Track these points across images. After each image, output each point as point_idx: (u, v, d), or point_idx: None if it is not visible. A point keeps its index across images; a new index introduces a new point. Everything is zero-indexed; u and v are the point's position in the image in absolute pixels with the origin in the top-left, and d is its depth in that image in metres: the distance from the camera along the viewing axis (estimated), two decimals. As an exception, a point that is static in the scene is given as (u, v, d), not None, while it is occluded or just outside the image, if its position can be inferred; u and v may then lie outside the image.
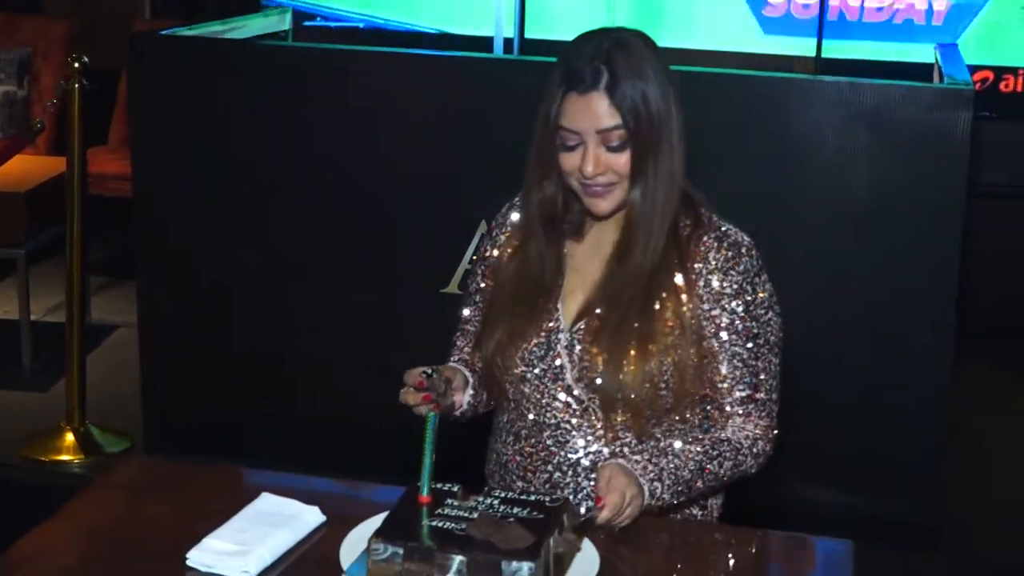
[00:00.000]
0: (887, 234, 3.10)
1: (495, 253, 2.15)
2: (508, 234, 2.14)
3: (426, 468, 1.79)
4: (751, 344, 2.02)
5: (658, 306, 2.00)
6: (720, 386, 2.03)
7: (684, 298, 2.00)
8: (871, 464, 3.22)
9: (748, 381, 2.02)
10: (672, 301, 2.00)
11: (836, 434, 3.21)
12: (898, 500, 3.20)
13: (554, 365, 2.03)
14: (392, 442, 2.60)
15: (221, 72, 3.45)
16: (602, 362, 1.99)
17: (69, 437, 3.66)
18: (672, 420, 2.03)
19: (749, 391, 2.03)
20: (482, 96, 3.29)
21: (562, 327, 2.04)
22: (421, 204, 3.34)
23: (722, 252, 2.02)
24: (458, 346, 2.18)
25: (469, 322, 2.17)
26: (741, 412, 2.03)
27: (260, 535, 1.80)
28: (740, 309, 2.01)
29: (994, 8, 4.79)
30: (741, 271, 2.01)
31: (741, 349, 2.01)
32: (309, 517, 1.87)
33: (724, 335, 2.01)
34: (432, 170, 3.33)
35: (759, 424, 2.03)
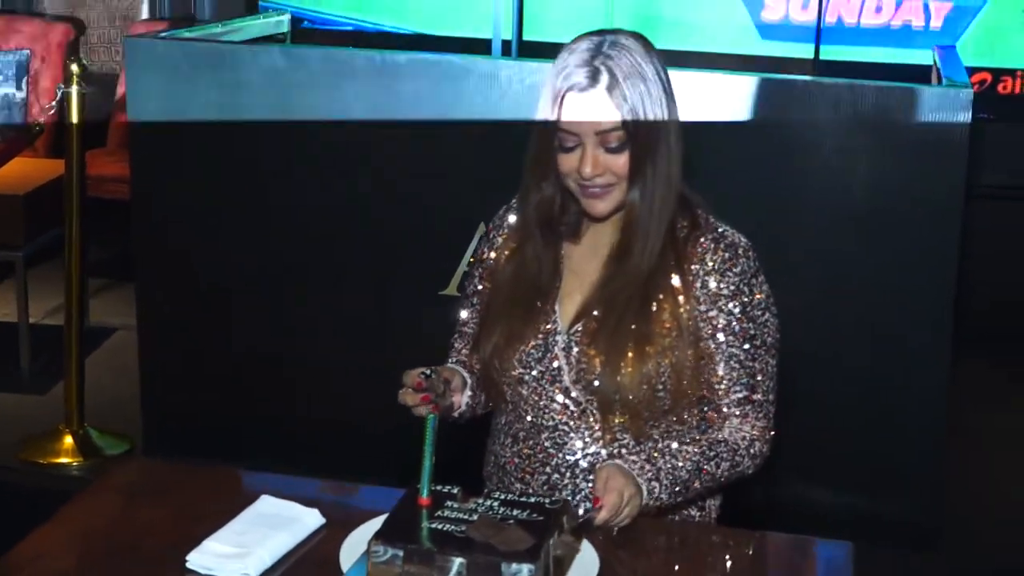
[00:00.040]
0: (886, 235, 3.10)
1: (492, 255, 2.15)
2: (505, 236, 2.14)
3: (426, 470, 1.79)
4: (748, 345, 2.02)
5: (655, 308, 2.00)
6: (717, 387, 2.03)
7: (681, 300, 2.00)
8: (871, 464, 3.21)
9: (745, 382, 2.02)
10: (669, 303, 2.00)
11: (835, 434, 3.21)
12: (898, 500, 3.19)
13: (552, 367, 2.03)
14: (391, 444, 2.60)
15: (219, 75, 3.45)
16: (600, 364, 1.99)
17: (68, 440, 3.66)
18: (670, 421, 2.03)
19: (746, 392, 2.03)
20: (480, 98, 3.28)
21: (559, 329, 2.04)
22: (419, 206, 3.34)
23: (719, 254, 2.02)
24: (456, 348, 2.18)
25: (467, 324, 2.17)
26: (738, 413, 2.03)
27: (260, 537, 1.80)
28: (737, 310, 2.01)
29: (992, 10, 4.80)
30: (738, 272, 2.01)
31: (738, 350, 2.01)
32: (309, 519, 1.87)
33: (721, 336, 2.01)
34: (430, 172, 3.33)
35: (756, 425, 2.03)
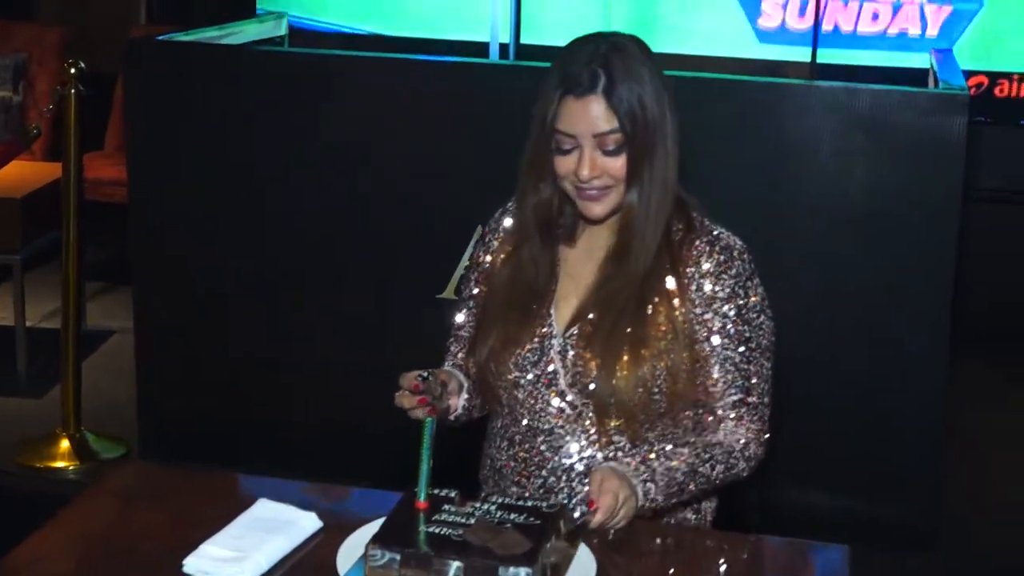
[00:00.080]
0: (883, 238, 3.10)
1: (488, 259, 2.15)
2: (501, 239, 2.14)
3: (423, 474, 1.79)
4: (743, 348, 2.01)
5: (651, 311, 2.00)
6: (712, 390, 2.03)
7: (676, 302, 2.00)
8: (868, 467, 3.22)
9: (740, 385, 2.02)
10: (665, 306, 2.00)
11: (833, 437, 3.21)
12: (895, 502, 3.20)
13: (547, 370, 2.03)
14: (388, 447, 2.60)
15: (217, 78, 3.45)
16: (595, 367, 1.99)
17: (64, 443, 3.66)
18: (665, 424, 2.03)
19: (741, 395, 2.02)
20: (478, 101, 3.29)
21: (555, 332, 2.04)
22: (417, 209, 3.34)
23: (714, 256, 2.02)
24: (452, 352, 2.18)
25: (462, 328, 2.17)
26: (733, 416, 2.03)
27: (257, 541, 1.80)
28: (732, 313, 2.01)
29: (988, 14, 4.80)
30: (733, 275, 2.01)
31: (733, 353, 2.01)
32: (306, 523, 1.86)
33: (716, 339, 2.01)
34: (428, 175, 3.33)
35: (751, 428, 2.03)
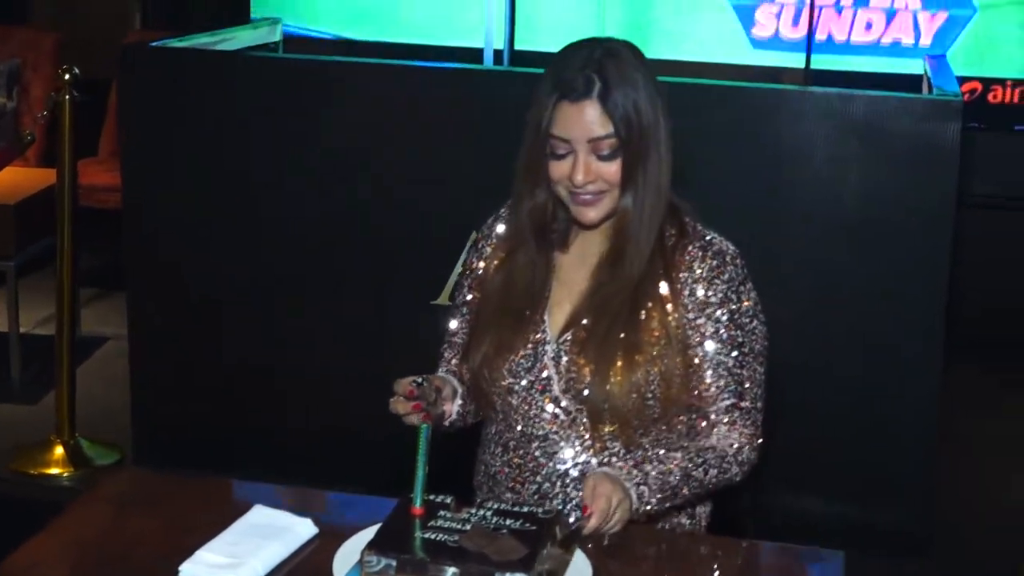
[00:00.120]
0: (877, 243, 3.11)
1: (481, 265, 2.15)
2: (494, 246, 2.14)
3: (419, 480, 1.79)
4: (736, 353, 2.02)
5: (644, 316, 2.00)
6: (705, 395, 2.03)
7: (670, 308, 2.00)
8: (862, 472, 3.22)
9: (733, 390, 2.02)
10: (658, 311, 2.00)
11: (827, 443, 3.21)
12: (889, 508, 3.20)
13: (541, 376, 2.03)
14: (384, 454, 2.59)
15: (211, 84, 3.45)
16: (589, 373, 1.99)
17: (58, 450, 3.65)
18: (659, 430, 2.04)
19: (734, 400, 2.02)
20: (473, 107, 3.29)
21: (548, 338, 2.04)
22: (412, 215, 3.34)
23: (707, 261, 2.02)
24: (445, 358, 2.18)
25: (456, 334, 2.17)
26: (726, 421, 2.03)
27: (253, 547, 1.80)
28: (725, 318, 2.01)
29: (982, 20, 4.82)
30: (726, 280, 2.02)
31: (726, 358, 2.01)
32: (302, 529, 1.86)
33: (709, 344, 2.01)
34: (423, 181, 3.33)
35: (744, 432, 2.03)
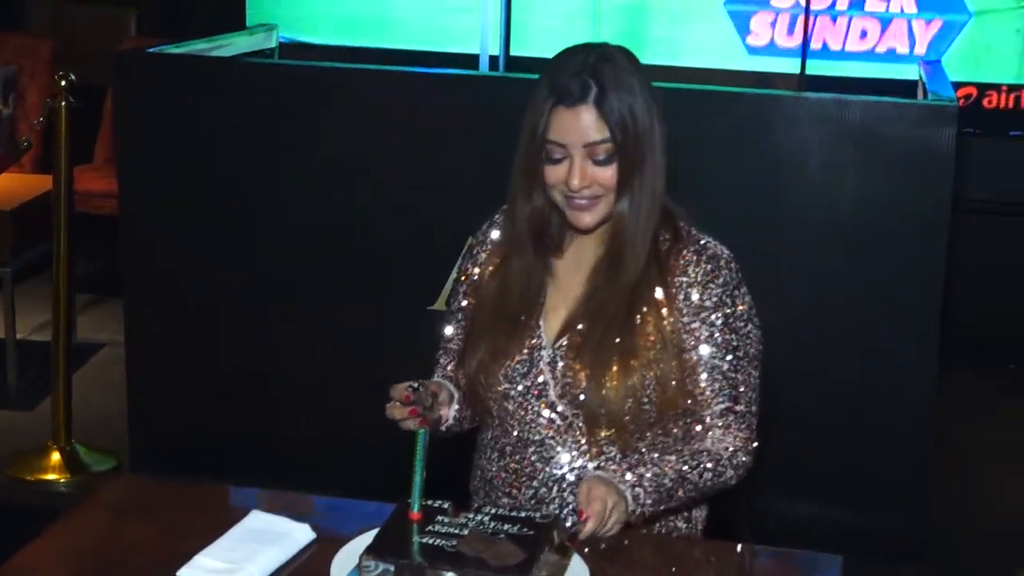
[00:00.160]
0: (873, 248, 3.11)
1: (476, 271, 2.15)
2: (489, 252, 2.14)
3: (416, 485, 1.79)
4: (731, 356, 2.02)
5: (639, 320, 2.00)
6: (700, 399, 2.03)
7: (665, 312, 2.01)
8: (858, 477, 3.22)
9: (728, 393, 2.02)
10: (653, 315, 2.01)
11: (822, 448, 3.22)
12: (885, 513, 3.20)
13: (537, 382, 2.03)
14: (381, 459, 2.60)
15: (207, 90, 3.45)
16: (585, 378, 1.99)
17: (55, 456, 3.65)
18: (656, 434, 2.04)
19: (729, 403, 2.03)
20: (469, 113, 3.29)
21: (544, 344, 2.04)
22: (409, 221, 3.34)
23: (701, 265, 2.02)
24: (441, 364, 2.18)
25: (452, 340, 2.17)
26: (720, 424, 2.03)
27: (250, 553, 1.80)
28: (719, 322, 2.01)
29: (977, 25, 4.83)
30: (720, 284, 2.02)
31: (721, 361, 2.02)
32: (299, 534, 1.86)
33: (704, 348, 2.01)
34: (419, 186, 3.33)
35: (739, 436, 2.03)
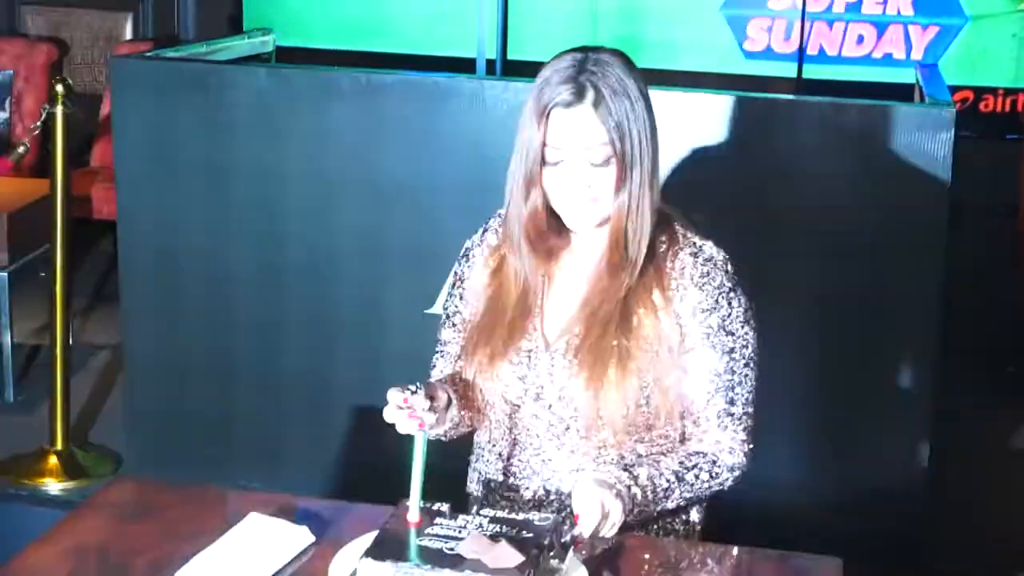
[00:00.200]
0: (870, 252, 3.11)
1: (472, 275, 2.15)
2: (485, 256, 2.14)
3: (415, 488, 1.80)
4: (726, 358, 2.02)
5: (636, 323, 2.00)
6: (696, 400, 2.03)
7: (661, 314, 2.01)
8: (857, 480, 3.22)
9: (724, 395, 2.03)
10: (650, 317, 2.01)
11: (822, 450, 3.22)
12: (884, 516, 3.20)
13: (535, 384, 2.04)
14: (380, 461, 2.59)
15: (204, 94, 3.45)
16: (582, 380, 2.00)
17: (53, 460, 3.65)
18: (653, 436, 2.04)
19: (725, 405, 2.03)
20: (466, 117, 3.29)
21: (541, 347, 2.05)
22: (406, 225, 3.34)
23: (697, 267, 2.03)
24: (438, 368, 2.18)
25: (448, 344, 2.17)
26: (717, 426, 2.03)
27: (249, 555, 1.80)
28: (716, 324, 2.02)
29: (973, 29, 4.84)
30: (716, 285, 2.02)
31: (717, 363, 2.02)
32: (298, 537, 1.86)
33: (700, 350, 2.02)
34: (417, 190, 3.33)
35: (735, 438, 2.04)
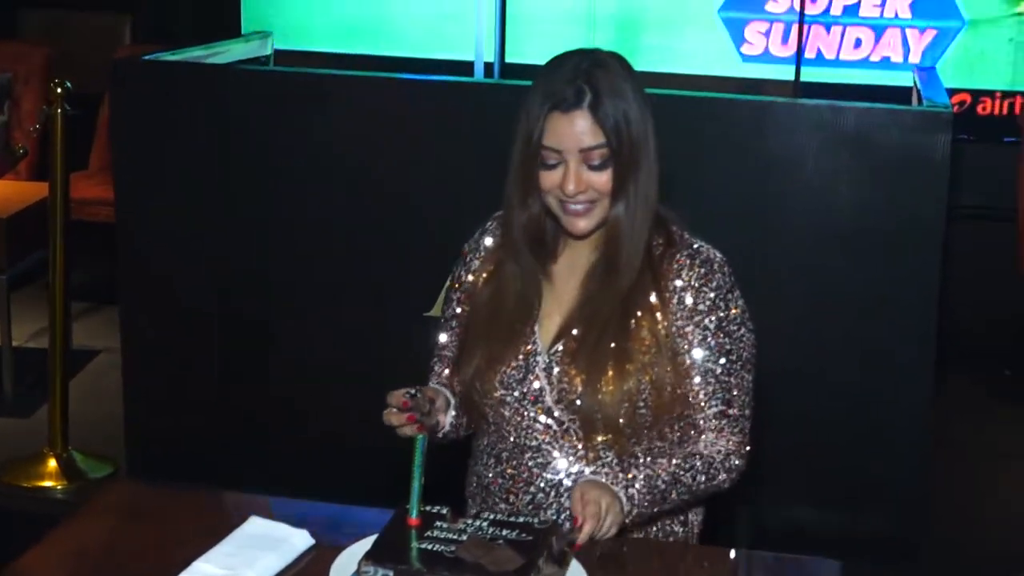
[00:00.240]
0: (868, 254, 3.12)
1: (470, 278, 2.15)
2: (482, 259, 2.14)
3: (415, 491, 1.80)
4: (724, 360, 2.02)
5: (634, 325, 2.01)
6: (694, 402, 2.03)
7: (659, 316, 2.01)
8: (856, 480, 3.23)
9: (721, 397, 2.03)
10: (647, 320, 2.01)
11: (821, 450, 3.22)
12: (883, 515, 3.21)
13: (533, 387, 2.04)
14: (379, 465, 2.60)
15: (203, 97, 3.46)
16: (580, 383, 2.00)
17: (52, 463, 3.65)
18: (651, 438, 2.04)
19: (722, 407, 2.03)
20: (464, 119, 3.30)
21: (539, 349, 2.05)
22: (405, 227, 3.35)
23: (695, 269, 2.03)
24: (436, 371, 2.17)
25: (445, 348, 2.17)
26: (714, 427, 2.03)
27: (249, 559, 1.80)
28: (713, 325, 2.02)
29: (971, 32, 4.84)
30: (714, 288, 2.03)
31: (714, 365, 2.02)
32: (298, 540, 1.86)
33: (697, 351, 2.02)
34: (415, 193, 3.34)
35: (732, 439, 2.04)
